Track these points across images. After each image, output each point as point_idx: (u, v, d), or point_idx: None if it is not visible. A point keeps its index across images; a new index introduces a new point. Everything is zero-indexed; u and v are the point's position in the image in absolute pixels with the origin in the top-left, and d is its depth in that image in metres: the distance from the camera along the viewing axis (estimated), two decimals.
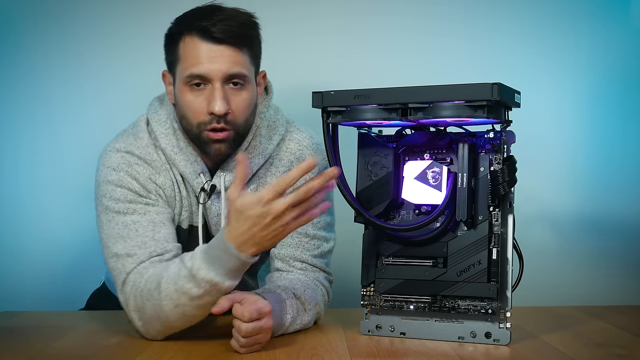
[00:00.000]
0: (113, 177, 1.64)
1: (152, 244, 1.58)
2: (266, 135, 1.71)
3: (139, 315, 1.54)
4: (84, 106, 2.24)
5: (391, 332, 1.60)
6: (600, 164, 2.33)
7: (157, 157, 1.68)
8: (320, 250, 1.75)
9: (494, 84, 1.41)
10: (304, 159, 1.73)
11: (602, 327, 1.72)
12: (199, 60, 1.58)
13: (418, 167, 1.57)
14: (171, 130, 1.68)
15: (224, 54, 1.58)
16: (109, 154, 1.68)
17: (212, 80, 1.59)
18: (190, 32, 1.59)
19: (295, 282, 1.66)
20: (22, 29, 2.24)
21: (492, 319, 1.53)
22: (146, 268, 1.55)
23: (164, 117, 1.70)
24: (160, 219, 1.63)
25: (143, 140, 1.69)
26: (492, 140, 1.53)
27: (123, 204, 1.62)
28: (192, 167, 1.67)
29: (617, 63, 2.31)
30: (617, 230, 2.32)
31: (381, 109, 1.51)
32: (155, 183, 1.67)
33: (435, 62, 2.28)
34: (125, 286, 1.56)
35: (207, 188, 1.68)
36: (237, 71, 1.60)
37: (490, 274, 1.52)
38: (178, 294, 1.47)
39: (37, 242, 2.24)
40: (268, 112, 1.73)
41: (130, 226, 1.60)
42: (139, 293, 1.53)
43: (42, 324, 1.77)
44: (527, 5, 2.31)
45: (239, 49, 1.60)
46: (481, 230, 1.53)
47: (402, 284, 1.58)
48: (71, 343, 1.59)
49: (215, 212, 1.71)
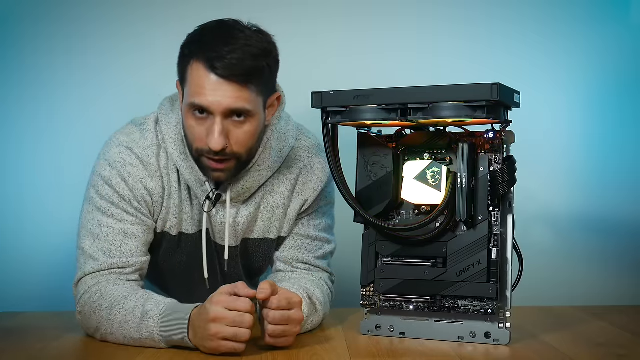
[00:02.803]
0: (106, 172, 1.65)
1: (116, 255, 1.62)
2: (277, 148, 1.69)
3: (81, 318, 1.60)
4: (85, 106, 2.24)
5: (391, 332, 1.60)
6: (599, 164, 2.33)
7: (154, 161, 1.66)
8: (322, 251, 1.76)
9: (494, 84, 1.41)
10: (312, 167, 1.74)
11: (602, 327, 1.73)
12: (202, 91, 1.54)
13: (417, 167, 1.57)
14: (180, 137, 1.66)
15: (226, 89, 1.53)
16: (111, 144, 1.67)
17: (214, 113, 1.55)
18: (198, 59, 1.55)
19: (306, 282, 1.67)
20: (23, 30, 2.24)
21: (492, 319, 1.53)
22: (103, 282, 1.59)
23: (174, 121, 1.67)
24: (133, 231, 1.64)
25: (147, 140, 1.67)
26: (492, 140, 1.54)
27: (105, 203, 1.64)
28: (196, 175, 1.65)
29: (615, 64, 2.31)
30: (616, 231, 2.33)
31: (381, 109, 1.51)
32: (145, 187, 1.65)
33: (435, 63, 2.28)
34: (80, 286, 1.61)
35: (213, 197, 1.67)
36: (239, 107, 1.55)
37: (489, 274, 1.52)
38: (120, 326, 1.52)
39: (38, 243, 2.24)
40: (279, 123, 1.71)
41: (103, 228, 1.63)
42: (90, 303, 1.57)
43: (42, 324, 1.78)
44: (527, 7, 2.31)
45: (244, 85, 1.54)
46: (481, 230, 1.53)
47: (401, 284, 1.58)
48: (71, 343, 1.60)
49: (219, 221, 1.70)
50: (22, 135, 2.25)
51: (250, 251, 1.76)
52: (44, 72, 2.25)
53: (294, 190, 1.73)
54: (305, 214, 1.75)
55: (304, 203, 1.74)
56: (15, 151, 2.25)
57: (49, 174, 2.24)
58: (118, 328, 1.52)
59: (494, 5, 2.31)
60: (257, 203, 1.71)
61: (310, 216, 1.76)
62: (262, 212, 1.72)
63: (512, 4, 2.31)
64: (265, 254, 1.77)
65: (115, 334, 1.53)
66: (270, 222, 1.73)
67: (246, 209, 1.70)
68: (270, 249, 1.76)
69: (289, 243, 1.75)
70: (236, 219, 1.70)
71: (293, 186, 1.73)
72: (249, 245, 1.75)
